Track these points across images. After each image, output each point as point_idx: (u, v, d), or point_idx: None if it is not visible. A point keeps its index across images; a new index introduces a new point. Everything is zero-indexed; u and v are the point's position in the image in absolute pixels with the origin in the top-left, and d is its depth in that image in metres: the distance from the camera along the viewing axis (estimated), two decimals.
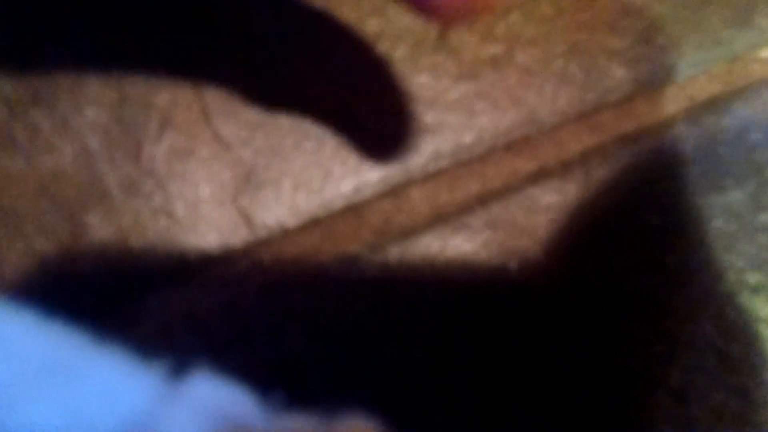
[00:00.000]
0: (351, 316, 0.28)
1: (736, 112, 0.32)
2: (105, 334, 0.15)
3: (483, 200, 0.30)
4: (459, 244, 0.29)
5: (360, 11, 0.30)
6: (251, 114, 0.29)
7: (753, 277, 0.31)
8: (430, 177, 0.30)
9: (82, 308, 0.26)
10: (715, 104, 0.32)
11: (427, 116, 0.30)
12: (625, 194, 0.30)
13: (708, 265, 0.31)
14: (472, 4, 0.18)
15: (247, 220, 0.28)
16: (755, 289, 0.31)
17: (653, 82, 0.32)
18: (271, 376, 0.27)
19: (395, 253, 0.29)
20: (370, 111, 0.30)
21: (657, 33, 0.32)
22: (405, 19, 0.31)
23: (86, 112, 0.28)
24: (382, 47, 0.30)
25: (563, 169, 0.30)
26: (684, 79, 0.32)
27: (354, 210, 0.29)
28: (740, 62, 0.33)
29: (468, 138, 0.30)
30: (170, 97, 0.28)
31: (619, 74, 0.31)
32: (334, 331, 0.28)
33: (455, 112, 0.30)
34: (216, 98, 0.29)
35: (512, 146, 0.30)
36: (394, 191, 0.29)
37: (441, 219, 0.29)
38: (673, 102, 0.32)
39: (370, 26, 0.30)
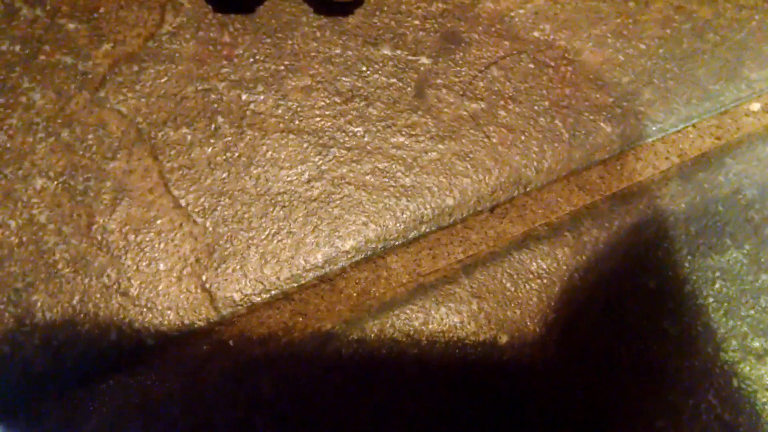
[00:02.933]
0: (326, 402, 0.25)
1: (729, 167, 0.31)
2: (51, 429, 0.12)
3: (468, 268, 0.27)
4: (444, 317, 0.27)
5: (333, 68, 0.28)
6: (214, 180, 0.27)
7: (757, 343, 0.29)
8: (410, 243, 0.27)
9: (28, 398, 0.23)
10: (707, 160, 0.31)
11: (405, 179, 0.28)
12: (619, 257, 0.28)
13: (709, 331, 0.29)
14: None
15: (210, 296, 0.26)
16: (760, 355, 0.29)
17: (641, 137, 0.30)
18: None
19: (374, 328, 0.26)
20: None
21: (643, 87, 0.31)
22: (380, 77, 0.29)
23: (33, 181, 0.26)
24: (357, 105, 0.28)
25: (552, 232, 0.28)
26: (674, 135, 0.31)
27: (328, 282, 0.27)
28: (730, 116, 0.32)
29: (450, 201, 0.28)
30: (125, 163, 0.26)
31: (606, 130, 0.30)
32: (307, 421, 0.25)
33: (435, 173, 0.28)
34: (176, 164, 0.26)
35: (497, 209, 0.28)
36: (372, 260, 0.27)
37: (423, 289, 0.27)
38: (663, 158, 0.30)
39: (343, 84, 0.28)
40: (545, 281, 0.28)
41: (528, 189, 0.29)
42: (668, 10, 0.33)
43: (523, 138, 0.29)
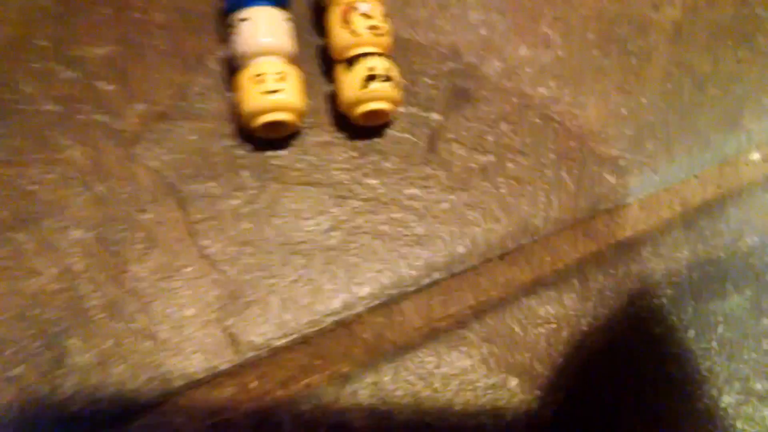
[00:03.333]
0: None
1: (731, 215, 0.32)
2: None
3: (479, 313, 0.29)
4: (456, 360, 0.28)
5: (349, 125, 0.30)
6: (238, 230, 0.28)
7: (759, 385, 0.30)
8: (423, 290, 0.29)
9: None
10: (709, 208, 0.32)
11: (418, 228, 0.29)
12: (625, 303, 0.30)
13: (713, 375, 0.30)
14: None
15: (234, 340, 0.27)
16: (762, 397, 0.30)
17: (645, 187, 0.32)
18: None
19: (389, 371, 0.28)
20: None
21: (646, 138, 0.32)
22: (394, 132, 0.31)
23: (70, 232, 0.27)
24: (373, 159, 0.30)
25: (560, 278, 0.30)
26: (676, 184, 0.32)
27: (345, 326, 0.28)
28: (731, 165, 0.33)
29: (461, 249, 0.29)
30: (155, 214, 0.28)
31: (610, 181, 0.31)
32: None
33: (447, 223, 0.30)
34: (202, 216, 0.28)
35: (507, 256, 0.30)
36: (387, 306, 0.28)
37: (436, 334, 0.28)
38: (666, 207, 0.32)
39: (359, 139, 0.30)
40: (553, 326, 0.29)
41: (536, 237, 0.30)
42: (669, 65, 0.34)
43: (530, 189, 0.31)
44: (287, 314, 0.28)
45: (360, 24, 0.28)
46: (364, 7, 0.29)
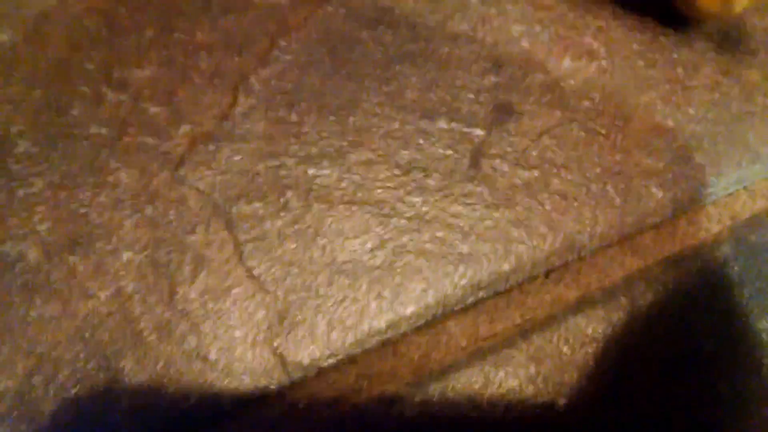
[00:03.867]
0: None
1: None
2: None
3: (525, 332, 0.29)
4: (502, 380, 0.28)
5: (393, 142, 0.30)
6: (284, 251, 0.28)
7: None
8: (468, 309, 0.29)
9: None
10: (759, 222, 0.31)
11: (462, 246, 0.29)
12: (674, 320, 0.29)
13: (765, 393, 0.29)
14: None
15: (282, 361, 0.27)
16: None
17: (693, 201, 0.31)
18: None
19: (436, 390, 0.28)
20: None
21: (693, 151, 0.32)
22: (437, 149, 0.30)
23: (121, 254, 0.28)
24: (415, 177, 0.30)
25: (607, 296, 0.29)
26: (725, 198, 0.31)
27: (391, 346, 0.28)
28: None
29: (506, 267, 0.29)
30: (203, 236, 0.28)
31: (657, 195, 0.31)
32: None
33: (491, 240, 0.30)
34: (249, 236, 0.28)
35: (552, 274, 0.29)
36: (432, 325, 0.28)
37: (482, 353, 0.28)
38: (715, 221, 0.31)
39: (402, 157, 0.30)
40: (601, 345, 0.29)
41: (582, 254, 0.30)
42: (716, 75, 0.34)
43: (575, 204, 0.30)
44: (333, 334, 0.28)
45: None
46: None
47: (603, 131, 0.31)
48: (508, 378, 0.28)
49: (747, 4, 0.31)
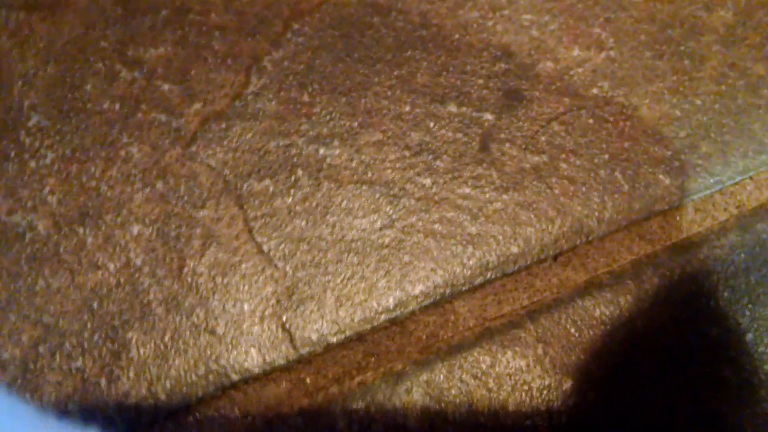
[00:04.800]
0: None
1: None
2: None
3: (532, 313, 0.29)
4: (510, 360, 0.28)
5: (403, 124, 0.30)
6: (294, 228, 0.29)
7: None
8: (476, 289, 0.29)
9: (121, 428, 0.25)
10: (765, 210, 0.31)
11: (471, 227, 0.29)
12: (681, 305, 0.29)
13: None
14: None
15: (290, 336, 0.27)
16: None
17: (700, 189, 0.31)
18: None
19: (443, 369, 0.28)
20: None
21: (700, 141, 0.32)
22: (447, 132, 0.31)
23: (130, 227, 0.28)
24: (425, 158, 0.30)
25: (614, 279, 0.29)
26: (731, 186, 0.32)
27: (398, 324, 0.28)
28: None
29: (514, 249, 0.29)
30: (213, 211, 0.28)
31: (665, 182, 0.31)
32: None
33: (500, 222, 0.30)
34: (259, 213, 0.29)
35: (560, 257, 0.30)
36: (440, 304, 0.28)
37: (489, 333, 0.28)
38: (722, 209, 0.31)
39: (412, 139, 0.30)
40: (608, 328, 0.29)
41: (590, 238, 0.30)
42: (723, 67, 0.34)
43: (584, 189, 0.31)
44: (341, 311, 0.28)
45: None
46: None
47: (611, 119, 0.32)
48: (515, 358, 0.28)
49: None
